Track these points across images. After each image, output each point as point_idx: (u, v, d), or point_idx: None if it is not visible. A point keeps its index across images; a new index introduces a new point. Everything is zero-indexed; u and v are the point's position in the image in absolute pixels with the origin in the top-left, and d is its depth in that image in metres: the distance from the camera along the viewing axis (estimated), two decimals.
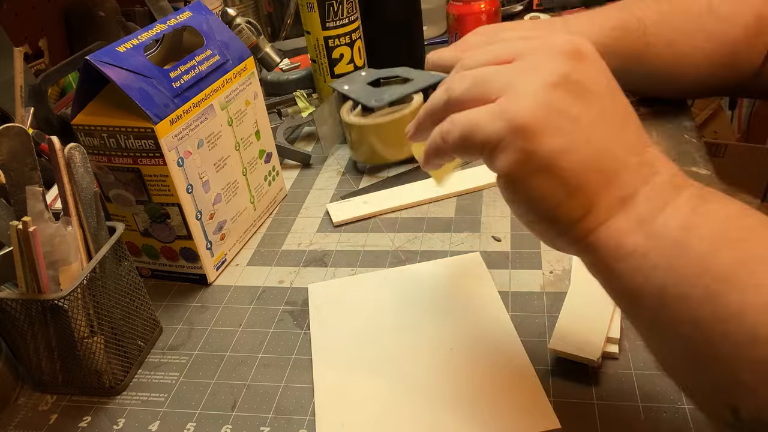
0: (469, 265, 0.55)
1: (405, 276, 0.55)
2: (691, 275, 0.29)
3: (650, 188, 0.31)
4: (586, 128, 0.30)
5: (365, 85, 0.72)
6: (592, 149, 0.30)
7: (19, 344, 0.48)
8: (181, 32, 0.60)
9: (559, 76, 0.31)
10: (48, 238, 0.45)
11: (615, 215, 0.31)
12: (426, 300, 0.52)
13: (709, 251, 0.29)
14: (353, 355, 0.48)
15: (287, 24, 1.12)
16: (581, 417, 0.41)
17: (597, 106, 0.31)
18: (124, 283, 0.49)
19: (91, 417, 0.47)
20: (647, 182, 0.31)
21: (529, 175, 0.31)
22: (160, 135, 0.50)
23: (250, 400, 0.46)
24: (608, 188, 0.31)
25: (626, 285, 0.31)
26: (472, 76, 0.33)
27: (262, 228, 0.65)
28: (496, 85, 0.32)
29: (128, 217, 0.56)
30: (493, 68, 0.33)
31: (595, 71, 0.32)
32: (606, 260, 0.32)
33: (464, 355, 0.46)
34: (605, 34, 0.61)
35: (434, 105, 0.36)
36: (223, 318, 0.54)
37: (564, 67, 0.31)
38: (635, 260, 0.30)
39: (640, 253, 0.30)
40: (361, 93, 0.70)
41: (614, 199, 0.31)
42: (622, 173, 0.31)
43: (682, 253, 0.29)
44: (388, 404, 0.43)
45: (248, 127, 0.61)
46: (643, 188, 0.31)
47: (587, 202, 0.31)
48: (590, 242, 0.32)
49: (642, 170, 0.31)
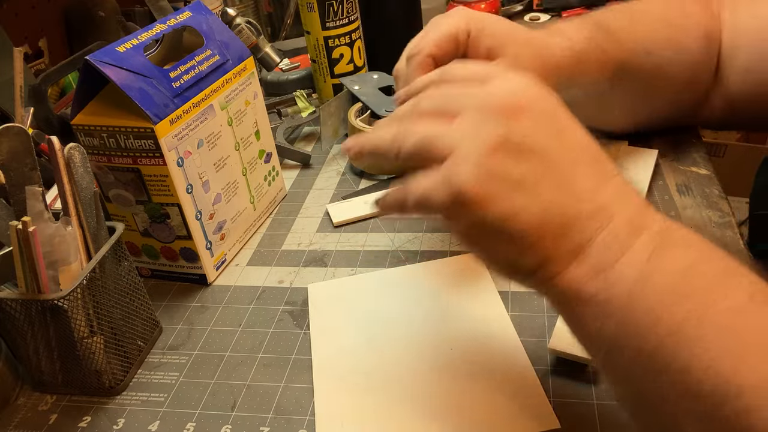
0: (469, 264, 0.55)
1: (405, 276, 0.55)
2: (642, 327, 0.29)
3: (607, 233, 0.31)
4: (530, 188, 0.31)
5: (377, 90, 0.71)
6: (539, 208, 0.31)
7: (19, 344, 0.48)
8: (181, 32, 0.60)
9: (497, 140, 0.31)
10: (48, 238, 0.45)
11: (571, 264, 0.31)
12: (426, 300, 0.52)
13: (660, 305, 0.29)
14: (353, 355, 0.48)
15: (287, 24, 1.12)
16: (581, 417, 0.41)
17: (540, 163, 0.31)
18: (124, 283, 0.49)
19: (90, 417, 0.47)
20: (603, 227, 0.31)
21: (482, 238, 0.32)
22: (159, 135, 0.50)
23: (250, 400, 0.46)
24: (562, 240, 0.31)
25: (586, 330, 0.32)
26: (419, 135, 0.33)
27: (262, 228, 0.65)
28: (440, 145, 0.32)
29: (128, 217, 0.56)
30: (436, 130, 0.33)
31: (536, 125, 0.31)
32: (567, 305, 0.33)
33: (464, 355, 0.46)
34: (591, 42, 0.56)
35: (382, 148, 0.36)
36: (223, 318, 0.54)
37: (501, 129, 0.31)
38: (592, 307, 0.31)
39: (595, 301, 0.31)
40: (372, 99, 0.70)
41: (569, 250, 0.31)
42: (575, 224, 0.31)
43: (635, 305, 0.30)
44: (388, 404, 0.43)
45: (248, 127, 0.61)
46: (600, 234, 0.31)
47: (542, 255, 0.31)
48: (552, 286, 0.32)
49: (597, 216, 0.31)
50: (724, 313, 0.28)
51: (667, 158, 0.63)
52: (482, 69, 0.34)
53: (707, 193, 0.58)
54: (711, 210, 0.56)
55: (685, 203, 0.57)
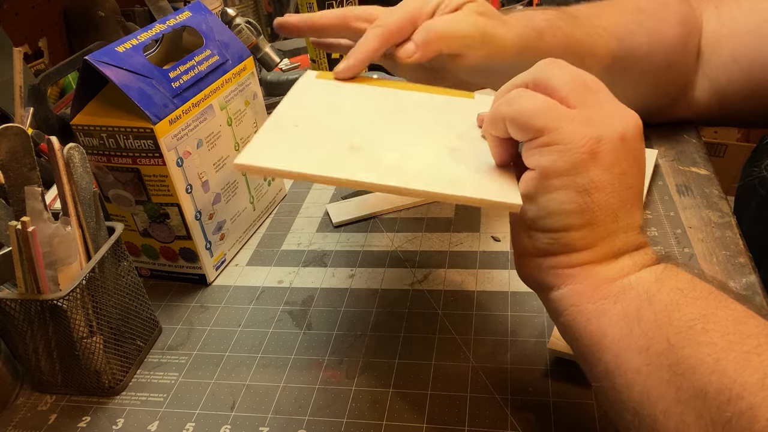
0: None
1: (414, 100, 0.46)
2: (653, 326, 0.31)
3: (636, 254, 0.34)
4: (624, 184, 0.33)
5: None
6: (619, 203, 0.33)
7: (19, 344, 0.48)
8: (180, 32, 0.60)
9: (627, 136, 0.33)
10: (47, 238, 0.45)
11: (604, 263, 0.34)
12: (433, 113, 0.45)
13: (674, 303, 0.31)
14: None
15: None
16: (581, 417, 0.41)
17: (638, 176, 0.34)
18: (124, 283, 0.49)
19: (90, 417, 0.47)
20: (637, 249, 0.34)
21: (567, 186, 0.33)
22: (159, 135, 0.50)
23: (249, 400, 0.46)
24: (612, 239, 0.34)
25: (590, 328, 0.33)
26: (572, 79, 0.35)
27: (261, 228, 0.65)
28: (588, 98, 0.34)
29: (127, 217, 0.56)
30: (584, 89, 0.34)
31: (644, 153, 0.35)
32: (577, 297, 0.34)
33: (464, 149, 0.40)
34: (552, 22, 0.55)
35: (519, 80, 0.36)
36: (223, 318, 0.54)
37: (634, 131, 0.34)
38: (605, 306, 0.33)
39: (612, 301, 0.33)
40: None
41: (611, 250, 0.34)
42: (628, 233, 0.34)
43: (650, 303, 0.32)
44: None
45: (248, 127, 0.61)
46: (632, 252, 0.34)
47: (593, 239, 0.34)
48: (570, 275, 0.34)
49: (639, 239, 0.35)
50: (728, 320, 0.30)
51: (667, 158, 0.63)
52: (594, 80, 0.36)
53: (707, 193, 0.58)
54: (711, 210, 0.56)
55: (685, 203, 0.57)
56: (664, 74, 0.61)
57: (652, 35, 0.59)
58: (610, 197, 0.33)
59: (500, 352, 0.47)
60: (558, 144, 0.33)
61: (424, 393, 0.45)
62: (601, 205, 0.33)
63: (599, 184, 0.32)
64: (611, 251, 0.34)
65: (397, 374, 0.47)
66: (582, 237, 0.33)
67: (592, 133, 0.32)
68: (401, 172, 0.37)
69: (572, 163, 0.32)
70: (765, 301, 0.46)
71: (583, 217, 0.33)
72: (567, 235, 0.34)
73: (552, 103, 0.34)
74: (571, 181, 0.33)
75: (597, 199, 0.33)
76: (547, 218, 0.34)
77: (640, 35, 0.58)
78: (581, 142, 0.32)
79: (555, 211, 0.33)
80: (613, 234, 0.34)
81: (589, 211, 0.33)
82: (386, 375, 0.47)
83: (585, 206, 0.33)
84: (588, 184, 0.32)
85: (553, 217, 0.34)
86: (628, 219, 0.34)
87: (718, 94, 0.62)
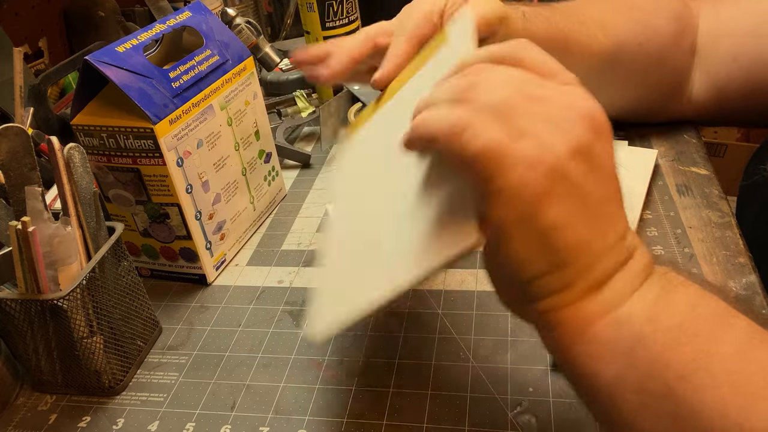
0: None
1: None
2: (650, 369, 0.28)
3: (625, 272, 0.30)
4: (590, 207, 0.29)
5: None
6: (588, 229, 0.29)
7: (19, 344, 0.48)
8: (180, 32, 0.60)
9: (582, 147, 0.29)
10: (47, 238, 0.45)
11: (587, 297, 0.30)
12: None
13: (670, 346, 0.28)
14: None
15: (287, 24, 1.12)
16: (581, 417, 0.41)
17: (605, 187, 0.30)
18: (124, 283, 0.49)
19: (90, 417, 0.47)
20: (624, 266, 0.31)
21: (524, 236, 0.29)
22: (159, 135, 0.50)
23: (250, 400, 0.46)
24: (591, 270, 0.30)
25: (582, 369, 0.31)
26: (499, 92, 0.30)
27: (261, 228, 0.65)
28: (521, 120, 0.29)
29: (128, 217, 0.56)
30: (521, 99, 0.30)
31: (610, 149, 0.30)
32: (565, 340, 0.31)
33: None
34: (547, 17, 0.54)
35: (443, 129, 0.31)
36: (223, 318, 0.54)
37: (587, 138, 0.29)
38: (596, 347, 0.30)
39: (603, 341, 0.30)
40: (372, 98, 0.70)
41: (592, 282, 0.30)
42: (607, 256, 0.30)
43: (645, 345, 0.29)
44: None
45: (248, 127, 0.61)
46: (619, 272, 0.30)
47: (567, 280, 0.30)
48: (552, 318, 0.31)
49: (623, 253, 0.31)
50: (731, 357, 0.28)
51: (667, 158, 0.63)
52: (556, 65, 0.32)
53: (707, 193, 0.58)
54: (711, 210, 0.56)
55: (685, 203, 0.57)
56: (657, 69, 0.61)
57: (643, 29, 0.59)
58: (576, 230, 0.29)
59: (500, 352, 0.47)
60: (503, 192, 0.28)
61: (424, 393, 0.45)
62: (568, 244, 0.29)
63: (559, 223, 0.29)
64: (594, 282, 0.30)
65: (397, 374, 0.47)
66: (555, 280, 0.30)
67: (541, 169, 0.28)
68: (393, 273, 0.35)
69: (522, 214, 0.29)
70: (765, 301, 0.46)
71: (551, 262, 0.29)
72: (539, 281, 0.30)
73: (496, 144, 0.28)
74: (526, 229, 0.29)
75: (561, 238, 0.29)
76: (513, 270, 0.30)
77: (631, 28, 0.58)
78: (529, 187, 0.28)
79: (518, 262, 0.30)
80: (591, 265, 0.30)
81: (555, 254, 0.29)
82: (386, 375, 0.47)
83: (549, 250, 0.29)
84: (546, 227, 0.29)
85: (519, 268, 0.30)
86: (605, 239, 0.30)
87: (717, 93, 0.62)
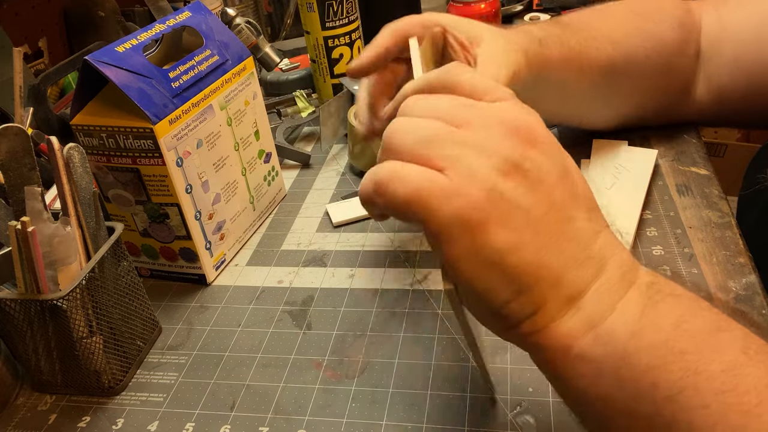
0: None
1: None
2: (637, 389, 0.27)
3: (600, 284, 0.29)
4: (535, 223, 0.28)
5: None
6: (541, 246, 0.28)
7: (18, 344, 0.48)
8: (180, 32, 0.60)
9: (512, 163, 0.28)
10: (47, 238, 0.45)
11: (563, 315, 0.29)
12: None
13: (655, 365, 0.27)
14: None
15: (287, 24, 1.12)
16: None
17: (547, 198, 0.29)
18: (123, 283, 0.49)
19: (90, 417, 0.47)
20: (597, 278, 0.29)
21: (476, 269, 0.28)
22: (159, 135, 0.50)
23: (249, 400, 0.46)
24: (558, 287, 0.29)
25: (572, 388, 0.30)
26: (421, 129, 0.30)
27: (261, 228, 0.65)
28: (444, 151, 0.28)
29: (127, 217, 0.56)
30: (443, 129, 0.29)
31: (548, 157, 0.29)
32: (553, 361, 0.30)
33: None
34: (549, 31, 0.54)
35: None
36: (222, 318, 0.54)
37: (517, 152, 0.28)
38: (582, 365, 0.29)
39: (587, 358, 0.29)
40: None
41: (563, 298, 0.29)
42: (572, 270, 0.29)
43: (629, 364, 0.28)
44: None
45: (247, 127, 0.61)
46: (593, 285, 0.29)
47: (536, 301, 0.29)
48: (536, 341, 0.30)
49: (591, 265, 0.29)
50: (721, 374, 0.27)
51: (667, 158, 0.63)
52: (489, 83, 0.31)
53: (707, 193, 0.58)
54: (711, 210, 0.56)
55: (685, 203, 0.57)
56: (664, 77, 0.61)
57: (648, 38, 0.59)
58: (527, 250, 0.28)
59: (500, 352, 0.47)
60: (442, 232, 0.28)
61: (424, 393, 0.45)
62: (521, 265, 0.28)
63: (506, 247, 0.27)
64: (565, 298, 0.29)
65: (397, 374, 0.47)
66: (525, 304, 0.29)
67: (472, 197, 0.27)
68: None
69: (468, 247, 0.28)
70: (765, 301, 0.46)
71: (512, 288, 0.28)
72: (509, 308, 0.29)
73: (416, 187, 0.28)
74: (477, 262, 0.28)
75: (513, 262, 0.28)
76: (482, 302, 0.30)
77: (637, 39, 0.58)
78: (464, 219, 0.27)
79: (482, 294, 0.29)
80: (555, 282, 0.28)
81: (514, 279, 0.28)
82: (386, 375, 0.47)
83: (507, 277, 0.28)
84: (494, 254, 0.28)
85: (486, 300, 0.29)
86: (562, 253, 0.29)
87: (719, 94, 0.62)
